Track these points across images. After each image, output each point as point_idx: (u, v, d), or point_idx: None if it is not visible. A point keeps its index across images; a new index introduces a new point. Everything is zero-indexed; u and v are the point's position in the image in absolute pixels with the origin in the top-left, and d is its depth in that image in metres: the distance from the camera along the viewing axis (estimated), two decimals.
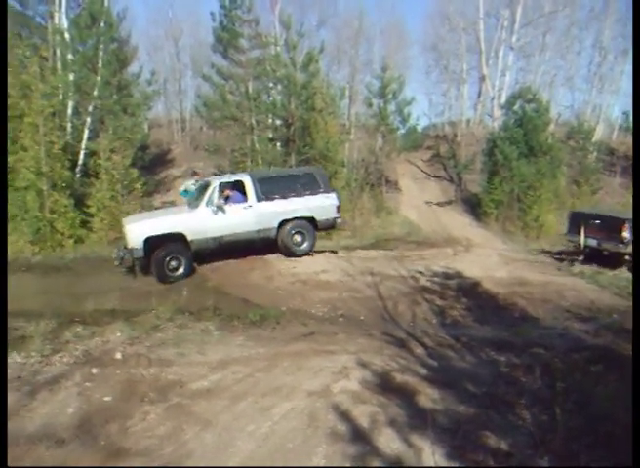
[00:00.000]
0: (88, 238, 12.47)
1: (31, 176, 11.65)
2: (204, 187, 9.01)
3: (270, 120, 18.25)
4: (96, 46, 14.78)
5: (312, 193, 9.24)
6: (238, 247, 8.91)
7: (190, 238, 8.24)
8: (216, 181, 8.79)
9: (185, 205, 9.75)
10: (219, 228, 8.48)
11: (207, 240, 8.41)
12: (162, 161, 22.98)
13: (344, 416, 3.32)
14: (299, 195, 9.13)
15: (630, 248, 9.15)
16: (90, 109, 14.92)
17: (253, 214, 8.76)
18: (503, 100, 23.06)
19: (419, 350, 4.86)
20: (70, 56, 14.77)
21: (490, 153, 19.53)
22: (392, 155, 22.92)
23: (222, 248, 8.68)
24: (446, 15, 29.98)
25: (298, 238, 9.15)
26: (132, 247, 7.82)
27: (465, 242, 13.83)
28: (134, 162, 13.86)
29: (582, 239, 10.35)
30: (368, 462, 2.84)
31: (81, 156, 14.68)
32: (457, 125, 31.49)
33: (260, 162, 16.29)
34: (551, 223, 17.32)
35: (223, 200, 8.60)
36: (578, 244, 10.59)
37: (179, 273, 8.06)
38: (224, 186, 8.80)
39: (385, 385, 3.86)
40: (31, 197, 11.67)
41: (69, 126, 14.86)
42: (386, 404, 3.53)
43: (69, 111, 15.01)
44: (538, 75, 28.28)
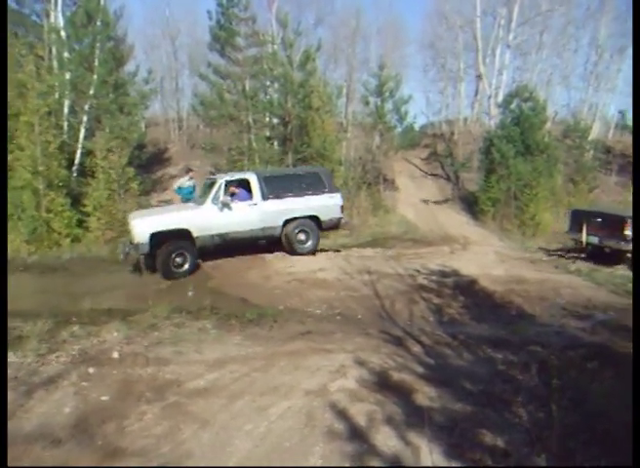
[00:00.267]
0: (84, 237, 12.43)
1: (27, 176, 11.63)
2: (210, 184, 9.06)
3: (267, 119, 18.19)
4: (92, 44, 14.64)
5: (317, 193, 9.37)
6: (243, 244, 8.99)
7: (196, 234, 8.30)
8: (222, 179, 8.85)
9: (180, 202, 9.77)
10: (224, 225, 8.55)
11: (212, 236, 8.49)
12: (159, 160, 22.87)
13: (342, 415, 3.33)
14: (303, 194, 9.27)
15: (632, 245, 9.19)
16: (86, 108, 14.83)
17: (258, 213, 8.85)
18: (500, 99, 22.99)
19: (416, 348, 4.86)
20: (66, 54, 14.66)
21: (487, 151, 19.51)
22: (389, 153, 22.84)
23: (227, 245, 8.74)
24: (443, 13, 29.89)
25: (302, 237, 9.29)
26: (137, 242, 7.86)
27: (462, 240, 13.85)
28: (130, 161, 13.79)
29: (584, 237, 10.39)
30: (365, 461, 2.84)
31: (77, 155, 14.62)
32: (454, 123, 31.43)
33: (257, 161, 16.23)
34: (548, 221, 17.32)
35: (229, 197, 8.65)
36: (579, 241, 10.64)
37: (184, 269, 8.14)
38: (230, 184, 8.85)
39: (383, 383, 3.87)
40: (27, 196, 11.64)
41: (66, 125, 14.77)
42: (384, 402, 3.54)
43: (65, 110, 14.92)
44: (534, 74, 28.23)
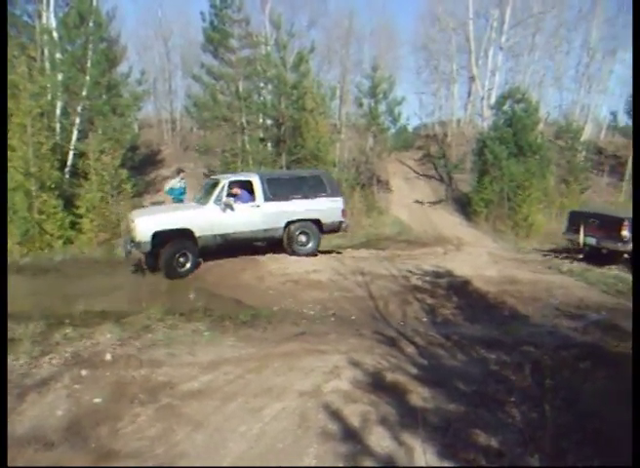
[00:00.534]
0: (77, 239, 12.38)
1: (19, 177, 11.54)
2: (213, 185, 9.08)
3: (261, 120, 18.20)
4: (84, 45, 14.59)
5: (319, 196, 9.48)
6: (244, 244, 9.06)
7: (198, 234, 8.34)
8: (225, 180, 8.88)
9: (172, 203, 9.76)
10: (226, 226, 8.61)
11: (214, 237, 8.54)
12: (152, 161, 22.77)
13: (335, 416, 3.33)
14: (305, 197, 9.37)
15: (629, 246, 9.27)
16: (79, 109, 14.77)
17: (260, 214, 8.92)
18: (493, 100, 23.11)
19: (409, 349, 4.87)
20: (59, 55, 14.60)
21: (480, 153, 19.58)
22: (383, 155, 22.92)
23: (229, 245, 8.79)
24: (436, 15, 30.00)
25: (303, 238, 9.38)
26: (139, 240, 7.85)
27: (456, 241, 13.90)
28: (123, 162, 13.75)
29: (582, 238, 10.47)
30: (359, 462, 2.84)
31: (70, 157, 14.55)
32: (447, 125, 31.58)
33: (251, 162, 16.23)
34: (541, 222, 17.44)
35: (231, 198, 8.68)
36: (577, 242, 10.73)
37: (186, 269, 8.22)
38: (233, 185, 8.88)
39: (376, 384, 3.88)
40: (19, 198, 11.55)
41: (58, 126, 14.71)
42: (377, 403, 3.54)
43: (58, 111, 14.86)
44: (527, 75, 28.44)
